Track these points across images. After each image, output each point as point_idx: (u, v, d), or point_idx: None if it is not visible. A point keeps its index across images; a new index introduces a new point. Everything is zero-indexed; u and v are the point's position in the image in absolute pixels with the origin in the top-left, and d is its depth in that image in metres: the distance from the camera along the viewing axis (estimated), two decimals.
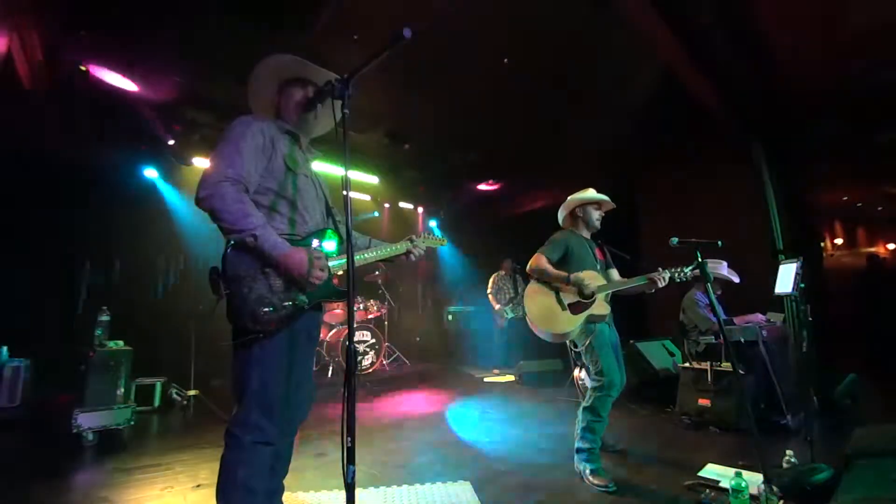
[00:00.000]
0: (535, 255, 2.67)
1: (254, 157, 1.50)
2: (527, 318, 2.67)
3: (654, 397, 4.13)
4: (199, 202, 1.41)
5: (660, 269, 2.51)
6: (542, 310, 2.59)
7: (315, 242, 1.58)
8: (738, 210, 5.12)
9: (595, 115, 5.10)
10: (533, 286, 2.69)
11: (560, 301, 2.57)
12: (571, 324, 2.52)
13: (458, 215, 8.44)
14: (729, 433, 3.21)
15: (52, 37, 3.55)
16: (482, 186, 7.66)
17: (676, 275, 2.48)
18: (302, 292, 1.48)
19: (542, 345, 6.66)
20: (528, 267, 2.69)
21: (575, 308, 2.54)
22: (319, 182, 1.77)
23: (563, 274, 2.54)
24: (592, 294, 2.52)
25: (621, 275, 2.82)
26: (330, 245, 1.63)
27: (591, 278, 2.58)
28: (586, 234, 2.83)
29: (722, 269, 3.74)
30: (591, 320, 2.56)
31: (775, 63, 4.04)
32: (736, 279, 3.75)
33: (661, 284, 2.50)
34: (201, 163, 5.14)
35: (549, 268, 2.59)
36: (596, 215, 2.80)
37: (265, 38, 3.60)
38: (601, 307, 2.58)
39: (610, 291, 2.60)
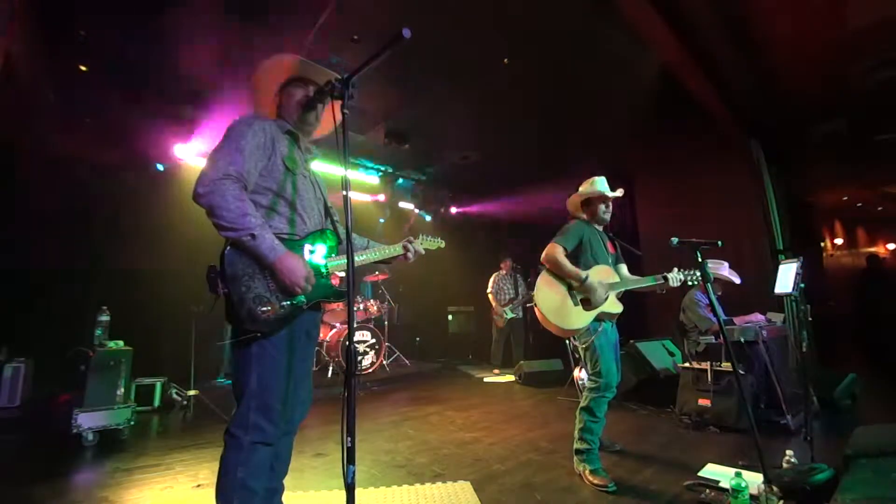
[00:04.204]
0: (551, 244, 2.60)
1: (254, 155, 1.50)
2: (535, 310, 2.61)
3: (654, 397, 4.12)
4: (197, 198, 1.40)
5: (676, 268, 2.50)
6: (554, 303, 2.53)
7: (308, 246, 1.58)
8: (738, 210, 5.11)
9: (595, 115, 5.11)
10: (546, 277, 2.61)
11: (573, 296, 2.53)
12: (583, 320, 2.49)
13: (458, 214, 8.45)
14: (729, 433, 3.21)
15: (52, 36, 3.56)
16: (479, 190, 7.67)
17: (689, 278, 2.47)
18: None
19: (542, 345, 6.64)
20: (542, 256, 2.61)
21: (587, 304, 2.51)
22: (318, 182, 1.77)
23: (580, 274, 2.48)
24: (604, 300, 2.50)
25: (630, 271, 2.81)
26: (323, 248, 1.63)
27: (603, 274, 2.56)
28: (598, 226, 2.79)
29: (723, 269, 3.74)
30: (601, 318, 2.54)
31: (775, 63, 4.04)
32: (737, 280, 3.75)
33: (674, 285, 2.49)
34: (201, 162, 5.14)
35: (565, 261, 2.52)
36: (602, 208, 2.74)
37: (266, 38, 3.61)
38: (614, 305, 2.55)
39: (622, 290, 2.59)
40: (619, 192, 2.75)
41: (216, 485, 1.40)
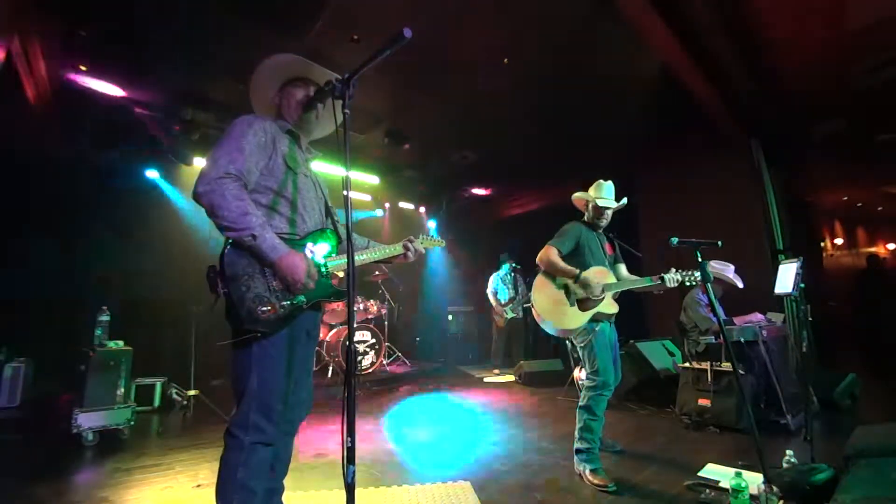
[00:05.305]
0: (546, 246, 2.63)
1: (255, 154, 1.50)
2: (532, 310, 2.63)
3: (654, 397, 4.13)
4: (197, 197, 1.40)
5: (673, 269, 2.50)
6: (550, 303, 2.56)
7: (309, 246, 1.58)
8: (738, 210, 5.11)
9: (595, 115, 5.10)
10: (541, 278, 2.64)
11: (569, 296, 2.54)
12: (578, 320, 2.50)
13: (458, 215, 8.44)
14: (729, 433, 3.21)
15: (53, 38, 3.55)
16: (479, 190, 7.71)
17: (687, 279, 2.47)
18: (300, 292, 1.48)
19: (542, 345, 6.62)
20: (537, 258, 2.65)
21: (583, 304, 2.52)
22: (319, 182, 1.77)
23: (573, 271, 2.50)
24: (600, 295, 2.51)
25: (629, 271, 2.81)
26: (324, 247, 1.62)
27: (599, 275, 2.56)
28: (596, 228, 2.79)
29: (728, 271, 3.73)
30: (597, 318, 2.55)
31: (775, 63, 4.04)
32: (740, 284, 3.73)
33: (671, 286, 2.49)
34: (201, 163, 5.14)
35: (559, 261, 2.55)
36: (603, 214, 2.74)
37: (266, 38, 3.61)
38: (609, 306, 2.56)
39: (618, 290, 2.59)
40: (623, 202, 2.76)
41: (216, 485, 1.40)
